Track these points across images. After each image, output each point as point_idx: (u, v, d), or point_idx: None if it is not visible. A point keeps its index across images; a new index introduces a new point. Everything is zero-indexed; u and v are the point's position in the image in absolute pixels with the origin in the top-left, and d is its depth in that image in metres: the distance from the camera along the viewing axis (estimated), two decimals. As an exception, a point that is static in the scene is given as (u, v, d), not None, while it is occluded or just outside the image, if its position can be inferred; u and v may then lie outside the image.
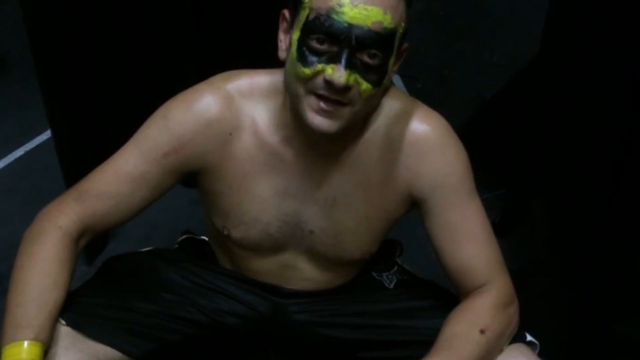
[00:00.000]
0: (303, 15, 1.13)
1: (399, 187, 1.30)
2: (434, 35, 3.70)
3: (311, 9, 1.12)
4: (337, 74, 1.10)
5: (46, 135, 2.84)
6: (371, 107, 1.23)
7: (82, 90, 2.04)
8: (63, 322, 1.22)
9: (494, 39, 3.67)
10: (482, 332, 1.20)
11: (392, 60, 1.16)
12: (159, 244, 2.17)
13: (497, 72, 3.39)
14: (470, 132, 2.99)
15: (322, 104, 1.13)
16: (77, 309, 1.25)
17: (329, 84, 1.11)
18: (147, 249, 1.48)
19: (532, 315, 1.38)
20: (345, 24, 1.09)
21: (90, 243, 1.32)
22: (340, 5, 1.09)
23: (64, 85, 1.96)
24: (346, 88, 1.11)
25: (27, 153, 2.86)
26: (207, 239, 1.54)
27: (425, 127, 1.27)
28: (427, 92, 3.26)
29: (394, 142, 1.27)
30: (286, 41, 1.20)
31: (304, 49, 1.12)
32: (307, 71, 1.12)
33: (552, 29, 1.96)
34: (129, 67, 2.13)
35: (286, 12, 1.20)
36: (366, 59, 1.12)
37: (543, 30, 1.99)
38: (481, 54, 3.58)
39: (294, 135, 1.25)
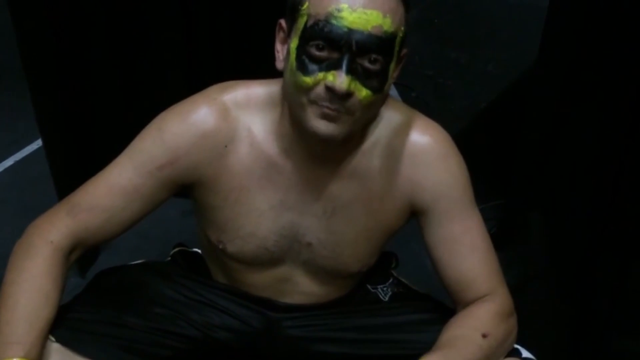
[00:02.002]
0: (301, 23, 1.12)
1: (400, 198, 1.29)
2: (429, 44, 3.69)
3: (309, 16, 1.10)
4: (339, 80, 1.08)
5: (37, 144, 2.81)
6: (370, 115, 1.21)
7: (73, 99, 2.01)
8: (53, 338, 1.20)
9: (489, 47, 3.67)
10: (484, 336, 1.20)
11: (392, 66, 1.15)
12: (151, 255, 2.14)
13: (493, 81, 3.39)
14: (465, 141, 2.98)
15: (325, 110, 1.11)
16: (68, 325, 1.23)
17: (330, 91, 1.09)
18: (138, 261, 1.46)
19: (530, 329, 1.38)
20: (345, 29, 1.07)
21: (83, 255, 1.30)
22: (339, 10, 1.08)
23: (54, 94, 1.95)
24: (347, 94, 1.10)
25: (18, 163, 2.82)
26: (199, 251, 1.52)
27: (426, 138, 1.27)
28: (421, 101, 3.25)
29: (394, 154, 1.27)
30: (283, 51, 1.18)
31: (304, 57, 1.11)
32: (308, 80, 1.10)
33: (550, 40, 1.95)
34: (120, 76, 2.11)
35: (283, 22, 1.19)
36: (367, 64, 1.10)
37: (541, 39, 1.98)
38: (476, 63, 3.58)
39: (292, 146, 1.23)
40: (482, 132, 3.10)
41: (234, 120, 1.24)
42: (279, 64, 1.19)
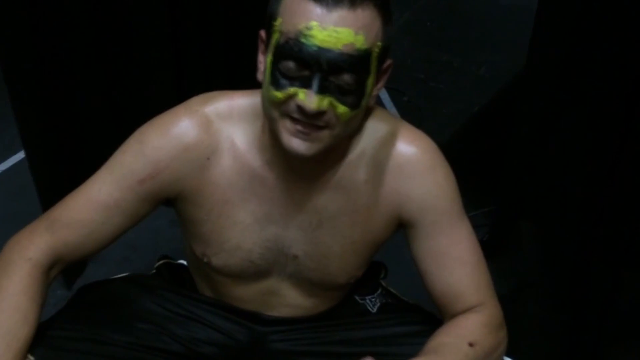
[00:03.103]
0: (274, 39, 1.10)
1: (387, 210, 1.27)
2: (421, 47, 3.68)
3: (281, 33, 1.08)
4: (308, 99, 1.07)
5: (21, 155, 2.77)
6: (352, 128, 1.19)
7: (57, 110, 2.00)
8: (32, 358, 1.17)
9: (481, 50, 3.66)
10: (471, 345, 1.19)
11: (370, 81, 1.12)
12: (139, 266, 2.14)
13: (485, 85, 3.38)
14: (458, 145, 3.01)
15: (298, 127, 1.10)
16: (48, 343, 1.20)
17: (300, 108, 1.08)
18: (121, 275, 1.44)
19: (521, 339, 1.37)
20: (315, 48, 1.05)
21: (69, 267, 1.28)
22: (309, 29, 1.05)
23: (37, 105, 1.93)
24: (318, 113, 1.08)
25: (2, 173, 2.80)
26: (185, 263, 1.51)
27: (413, 149, 1.25)
28: (413, 105, 3.24)
29: (381, 165, 1.25)
30: (264, 63, 1.16)
31: (276, 72, 1.09)
32: (280, 95, 1.09)
33: (539, 45, 1.94)
34: (105, 86, 2.10)
35: (262, 33, 1.17)
36: (340, 82, 1.08)
37: (530, 44, 1.97)
38: (468, 66, 3.57)
39: (275, 158, 1.22)
40: (475, 136, 3.10)
41: (216, 132, 1.22)
42: (260, 75, 1.17)
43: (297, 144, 1.11)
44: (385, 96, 3.29)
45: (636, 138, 1.59)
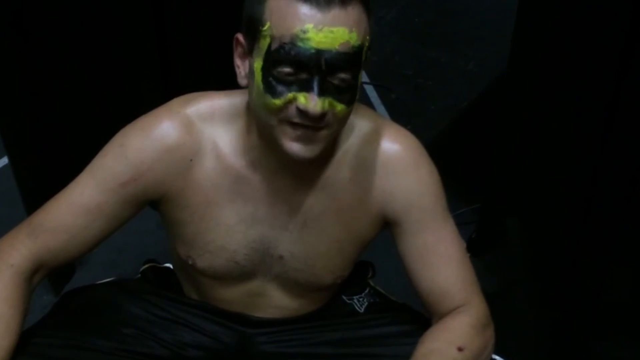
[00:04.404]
0: (264, 44, 1.08)
1: (372, 208, 1.27)
2: (408, 44, 3.67)
3: (272, 38, 1.07)
4: (312, 103, 1.06)
5: (5, 160, 2.73)
6: (345, 125, 1.19)
7: (40, 114, 1.99)
8: (15, 366, 1.17)
9: (469, 46, 3.65)
10: (459, 349, 1.19)
11: (360, 75, 1.13)
12: (127, 269, 2.13)
13: (473, 80, 3.37)
14: (446, 141, 3.00)
15: (298, 132, 1.10)
16: (31, 351, 1.19)
17: (303, 113, 1.07)
18: (106, 280, 1.43)
19: (509, 337, 1.37)
20: (313, 50, 1.05)
21: (57, 272, 1.27)
22: (305, 32, 1.04)
23: (20, 109, 1.92)
24: (322, 115, 1.08)
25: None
26: (171, 266, 1.50)
27: (397, 146, 1.25)
28: (401, 101, 3.23)
29: (365, 163, 1.25)
30: (245, 67, 1.16)
31: (270, 79, 1.08)
32: (278, 102, 1.08)
33: (522, 39, 1.94)
34: (88, 91, 2.10)
35: (240, 37, 1.15)
36: (337, 81, 1.08)
37: (512, 39, 1.97)
38: (457, 62, 3.56)
39: (260, 158, 1.21)
40: (464, 132, 3.09)
41: (198, 133, 1.21)
42: (242, 81, 1.16)
43: (299, 148, 1.11)
44: (373, 93, 3.29)
45: (622, 133, 1.59)
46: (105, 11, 2.02)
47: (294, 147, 1.11)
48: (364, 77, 1.23)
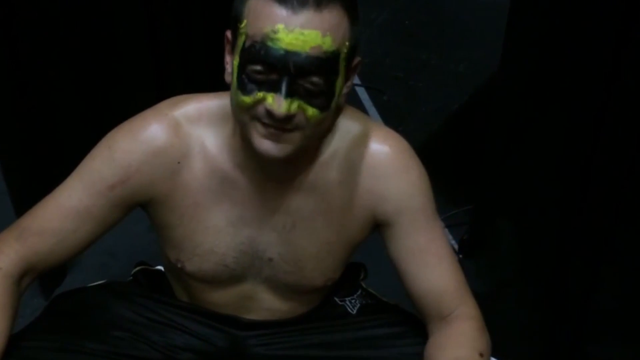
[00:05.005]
0: (240, 42, 1.09)
1: (362, 211, 1.27)
2: (400, 46, 3.68)
3: (247, 36, 1.07)
4: (277, 103, 1.06)
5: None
6: (324, 129, 1.19)
7: (31, 117, 1.98)
8: (4, 370, 1.16)
9: (460, 48, 3.66)
10: (481, 355, 1.19)
11: (339, 82, 1.11)
12: (118, 272, 2.12)
13: (464, 82, 3.37)
14: (438, 143, 3.01)
15: (269, 130, 1.09)
16: (22, 355, 1.19)
17: (270, 113, 1.07)
18: (97, 283, 1.42)
19: (501, 338, 1.36)
20: (282, 51, 1.04)
21: (48, 275, 1.27)
22: (275, 32, 1.04)
23: (10, 112, 1.91)
24: (288, 117, 1.07)
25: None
26: (162, 269, 1.49)
27: (386, 149, 1.25)
28: (393, 104, 3.24)
29: (354, 165, 1.24)
30: (231, 64, 1.15)
31: (243, 76, 1.08)
32: (247, 99, 1.08)
33: (513, 41, 1.94)
34: (80, 93, 2.09)
35: (229, 34, 1.15)
36: (308, 85, 1.07)
37: (503, 42, 1.97)
38: (447, 64, 3.56)
39: (247, 160, 1.21)
40: (455, 134, 3.09)
41: (186, 135, 1.21)
42: (227, 77, 1.16)
43: (268, 146, 1.10)
44: (364, 96, 3.29)
45: (612, 133, 1.60)
46: (97, 12, 2.01)
47: (264, 144, 1.10)
48: (355, 79, 1.22)
